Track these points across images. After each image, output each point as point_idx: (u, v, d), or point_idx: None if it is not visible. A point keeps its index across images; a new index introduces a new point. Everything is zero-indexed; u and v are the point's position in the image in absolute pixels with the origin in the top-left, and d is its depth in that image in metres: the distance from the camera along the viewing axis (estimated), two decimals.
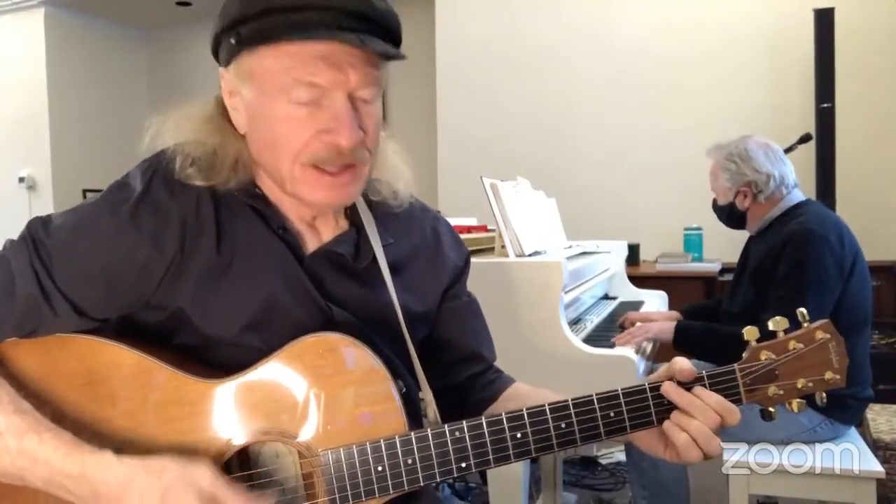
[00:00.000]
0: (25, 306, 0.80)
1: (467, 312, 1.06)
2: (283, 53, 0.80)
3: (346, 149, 0.82)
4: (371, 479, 0.80)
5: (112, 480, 0.74)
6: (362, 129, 0.84)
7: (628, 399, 0.83)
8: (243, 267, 0.86)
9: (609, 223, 4.16)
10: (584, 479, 2.88)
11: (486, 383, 1.05)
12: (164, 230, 0.84)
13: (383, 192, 0.98)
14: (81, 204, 0.88)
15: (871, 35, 3.87)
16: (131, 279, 0.83)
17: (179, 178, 0.86)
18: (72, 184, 5.68)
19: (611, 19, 4.40)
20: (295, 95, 0.81)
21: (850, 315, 1.92)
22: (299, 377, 0.82)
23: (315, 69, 0.80)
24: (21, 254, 0.82)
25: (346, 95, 0.82)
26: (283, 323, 0.85)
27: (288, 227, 0.90)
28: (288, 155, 0.83)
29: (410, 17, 5.11)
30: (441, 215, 1.09)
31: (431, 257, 1.02)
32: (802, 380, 0.84)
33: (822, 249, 1.88)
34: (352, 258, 0.92)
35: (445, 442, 0.81)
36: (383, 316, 0.92)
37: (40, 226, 0.84)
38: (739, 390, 0.84)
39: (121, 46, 6.35)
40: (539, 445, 0.82)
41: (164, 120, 0.89)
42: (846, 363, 0.85)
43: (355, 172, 0.86)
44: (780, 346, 0.85)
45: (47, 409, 0.80)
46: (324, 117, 0.82)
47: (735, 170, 2.08)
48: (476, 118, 4.68)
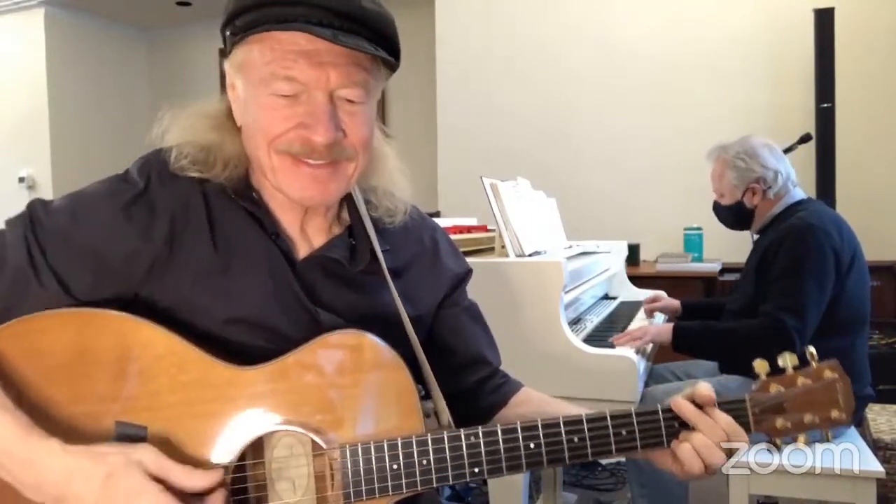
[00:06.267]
0: (13, 277, 0.82)
1: (467, 317, 1.06)
2: (267, 46, 0.82)
3: (321, 145, 0.82)
4: (385, 477, 0.81)
5: (57, 469, 0.73)
6: (342, 129, 0.84)
7: (641, 419, 0.85)
8: (239, 268, 0.87)
9: (609, 223, 4.16)
10: (584, 479, 2.89)
11: (494, 388, 1.05)
12: (153, 223, 0.85)
13: (381, 207, 0.98)
14: (82, 190, 0.90)
15: (871, 35, 3.86)
16: (117, 268, 0.84)
17: (173, 171, 0.88)
18: (72, 184, 5.48)
19: (610, 20, 4.39)
20: (274, 88, 0.82)
21: (848, 312, 1.93)
22: (324, 371, 0.83)
23: (294, 64, 0.80)
24: (16, 228, 0.85)
25: (326, 94, 0.82)
26: (269, 326, 0.86)
27: (281, 232, 0.90)
28: (264, 142, 0.84)
29: (410, 17, 5.12)
30: (439, 226, 1.09)
31: (429, 266, 1.02)
32: (809, 415, 0.87)
33: (822, 241, 1.89)
34: (347, 262, 0.92)
35: (460, 446, 0.82)
36: (382, 321, 0.92)
37: (39, 205, 0.87)
38: (749, 419, 0.86)
39: (121, 46, 6.34)
40: (551, 457, 0.83)
41: (177, 115, 0.90)
42: (853, 404, 0.88)
43: (337, 169, 0.86)
44: (789, 381, 0.88)
45: (74, 385, 0.79)
46: (301, 111, 0.82)
47: (744, 167, 2.11)
48: (476, 118, 4.68)
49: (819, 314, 1.87)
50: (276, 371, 0.82)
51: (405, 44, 0.89)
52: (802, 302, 1.84)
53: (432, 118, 4.90)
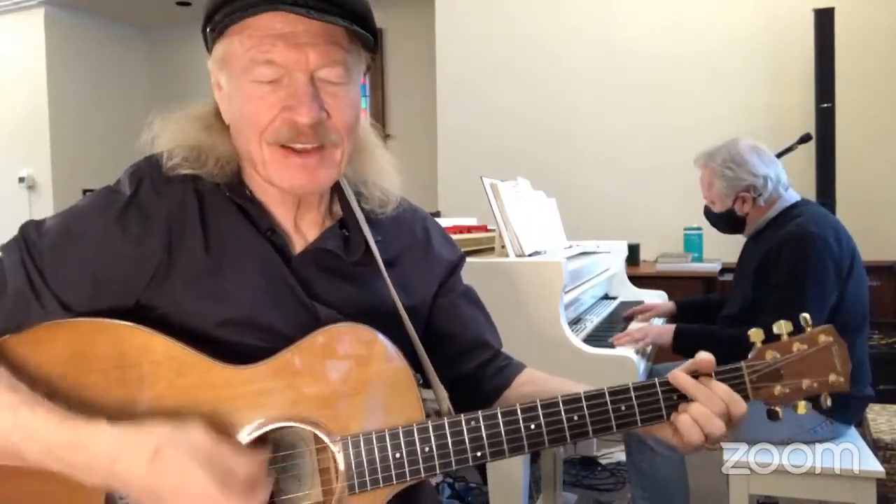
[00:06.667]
0: (15, 302, 0.82)
1: (465, 302, 1.06)
2: (245, 35, 0.82)
3: (305, 125, 0.83)
4: (389, 466, 0.81)
5: (103, 446, 0.74)
6: (326, 110, 0.84)
7: (639, 393, 0.85)
8: (231, 268, 0.87)
9: (609, 223, 4.16)
10: (584, 479, 2.89)
11: (496, 370, 1.04)
12: (151, 231, 0.85)
13: (373, 199, 0.98)
14: (73, 206, 0.89)
15: (871, 35, 3.87)
16: (118, 279, 0.84)
17: (166, 175, 0.88)
18: (72, 184, 5.68)
19: (610, 20, 4.40)
20: (255, 74, 0.82)
21: (848, 315, 1.92)
22: (323, 365, 0.83)
23: (272, 47, 0.81)
24: (13, 253, 0.84)
25: (306, 75, 0.83)
26: (264, 324, 0.86)
27: (276, 228, 0.91)
28: (254, 134, 0.84)
29: (411, 18, 5.12)
30: (430, 215, 1.09)
31: (422, 255, 1.02)
32: (807, 381, 0.86)
33: (821, 251, 1.87)
34: (342, 252, 0.93)
35: (461, 431, 0.82)
36: (379, 312, 0.92)
37: (33, 228, 0.86)
38: (746, 387, 0.86)
39: (121, 46, 6.35)
40: (553, 437, 0.83)
41: (165, 119, 0.91)
42: (849, 368, 0.87)
43: (324, 154, 0.86)
44: (785, 347, 0.87)
45: (74, 393, 0.79)
46: (283, 94, 0.83)
47: (732, 175, 2.06)
48: (476, 118, 4.68)
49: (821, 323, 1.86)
50: (274, 368, 0.83)
51: (405, 44, 0.89)
52: (804, 314, 1.83)
53: (432, 118, 4.90)
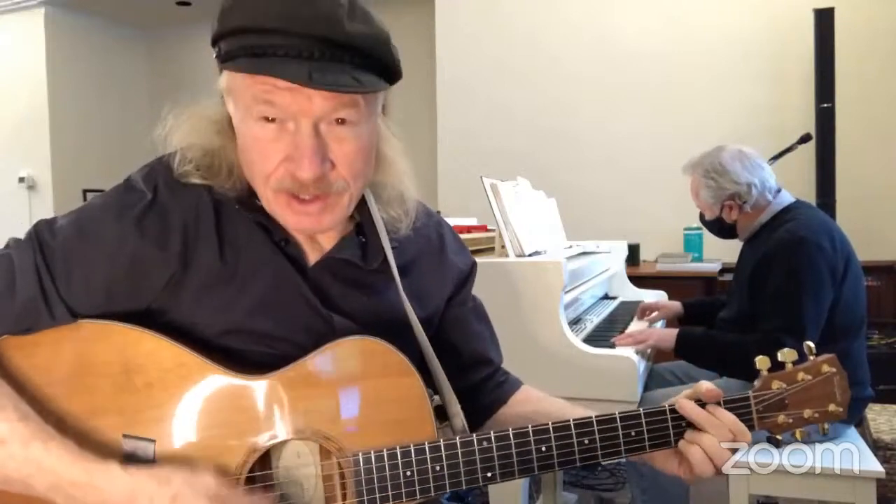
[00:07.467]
0: (24, 306, 0.80)
1: (474, 317, 1.06)
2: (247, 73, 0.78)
3: (307, 181, 0.79)
4: (399, 483, 0.80)
5: (120, 490, 0.74)
6: (331, 160, 0.80)
7: (650, 419, 0.85)
8: (244, 278, 0.85)
9: (609, 223, 4.16)
10: (584, 479, 2.88)
11: (495, 386, 1.05)
12: (168, 236, 0.83)
13: (392, 207, 0.96)
14: (87, 205, 0.87)
15: (871, 35, 3.86)
16: (132, 284, 0.82)
17: (180, 179, 0.85)
18: (72, 184, 5.68)
19: (610, 20, 4.39)
20: (256, 111, 0.78)
21: (845, 317, 1.91)
22: (335, 378, 0.82)
23: (274, 88, 0.76)
24: (25, 253, 0.81)
25: (310, 123, 0.78)
26: (274, 335, 0.85)
27: (290, 238, 0.89)
28: (260, 179, 0.82)
29: (411, 18, 5.12)
30: (444, 220, 1.08)
31: (436, 263, 1.01)
32: (809, 410, 0.88)
33: (814, 256, 1.86)
34: (359, 261, 0.91)
35: (473, 451, 0.82)
36: (392, 323, 0.91)
37: (46, 227, 0.84)
38: (752, 417, 0.87)
39: (121, 46, 6.34)
40: (562, 459, 0.83)
41: (179, 115, 0.87)
42: (848, 397, 0.89)
43: (329, 202, 0.83)
44: (790, 377, 0.89)
45: (78, 399, 0.79)
46: (286, 143, 0.79)
47: (715, 185, 2.08)
48: (476, 118, 4.68)
49: (818, 329, 1.85)
50: (285, 380, 0.81)
51: (405, 44, 0.87)
52: (802, 323, 1.82)
53: (432, 118, 4.90)
